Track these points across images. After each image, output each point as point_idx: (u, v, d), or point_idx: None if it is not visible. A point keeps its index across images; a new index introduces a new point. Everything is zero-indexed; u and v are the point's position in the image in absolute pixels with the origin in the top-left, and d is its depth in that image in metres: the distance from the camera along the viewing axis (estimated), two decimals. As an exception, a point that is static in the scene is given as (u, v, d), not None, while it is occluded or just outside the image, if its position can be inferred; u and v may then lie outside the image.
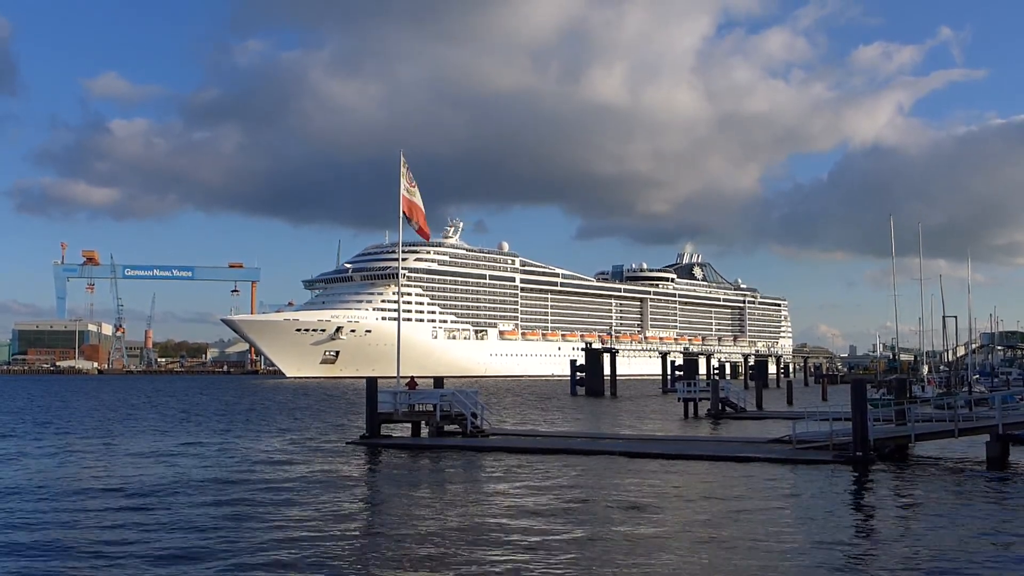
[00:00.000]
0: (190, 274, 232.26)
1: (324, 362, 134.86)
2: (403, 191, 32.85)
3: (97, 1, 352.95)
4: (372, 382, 31.47)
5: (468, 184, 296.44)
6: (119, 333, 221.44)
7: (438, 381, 36.85)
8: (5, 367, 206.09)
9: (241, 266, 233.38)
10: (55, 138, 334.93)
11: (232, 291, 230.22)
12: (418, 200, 33.27)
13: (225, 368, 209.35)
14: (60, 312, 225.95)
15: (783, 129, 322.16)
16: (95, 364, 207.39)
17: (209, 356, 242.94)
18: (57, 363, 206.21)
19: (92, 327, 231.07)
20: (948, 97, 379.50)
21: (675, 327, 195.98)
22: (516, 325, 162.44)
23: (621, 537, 14.92)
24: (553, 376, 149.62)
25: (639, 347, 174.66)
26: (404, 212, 33.05)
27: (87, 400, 69.47)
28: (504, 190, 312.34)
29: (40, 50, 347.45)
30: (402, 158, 32.75)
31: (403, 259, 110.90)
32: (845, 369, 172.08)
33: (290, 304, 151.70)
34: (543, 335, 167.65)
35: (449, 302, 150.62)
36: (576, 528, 15.68)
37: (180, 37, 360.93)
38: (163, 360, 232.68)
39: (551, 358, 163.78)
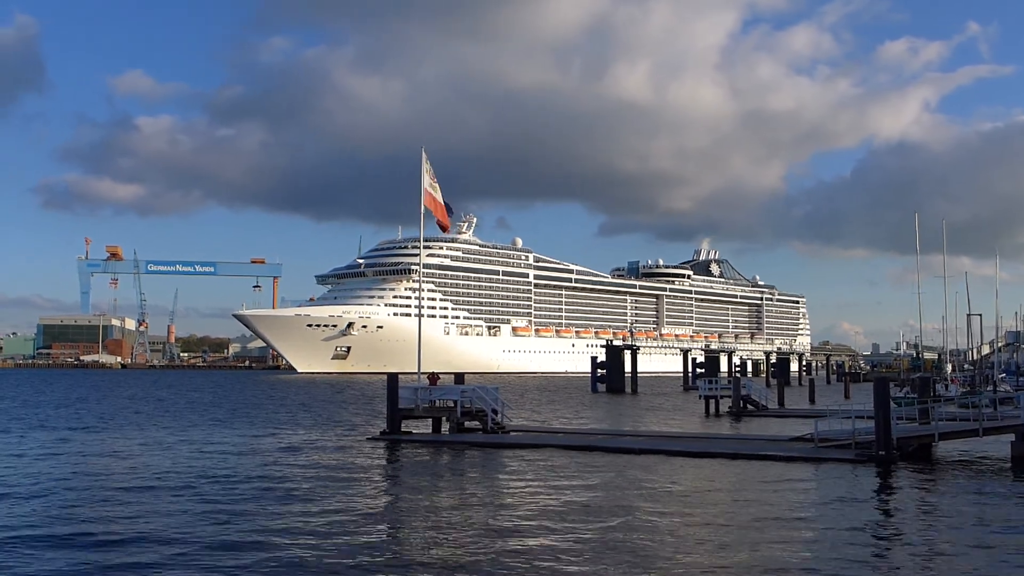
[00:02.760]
0: (212, 270, 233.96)
1: (335, 358, 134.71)
2: (426, 186, 32.96)
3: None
4: (393, 378, 31.57)
5: (490, 181, 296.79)
6: (142, 328, 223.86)
7: (458, 377, 36.97)
8: (30, 361, 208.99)
9: (263, 262, 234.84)
10: (81, 135, 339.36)
11: (254, 287, 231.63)
12: (438, 196, 33.36)
13: (247, 363, 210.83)
14: (84, 307, 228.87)
15: (807, 126, 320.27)
16: (118, 358, 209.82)
17: (231, 351, 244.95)
18: (81, 357, 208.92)
19: (115, 322, 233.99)
20: (974, 93, 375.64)
21: (691, 324, 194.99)
22: (529, 322, 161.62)
23: (642, 534, 14.93)
24: (567, 373, 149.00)
25: (656, 344, 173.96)
26: (427, 207, 33.19)
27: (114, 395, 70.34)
28: (526, 187, 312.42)
29: (66, 48, 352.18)
30: (423, 154, 32.89)
31: (416, 255, 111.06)
32: (868, 367, 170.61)
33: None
34: (557, 332, 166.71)
35: (461, 298, 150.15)
36: (597, 525, 15.70)
37: (205, 35, 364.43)
38: (185, 355, 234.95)
39: (565, 355, 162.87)
